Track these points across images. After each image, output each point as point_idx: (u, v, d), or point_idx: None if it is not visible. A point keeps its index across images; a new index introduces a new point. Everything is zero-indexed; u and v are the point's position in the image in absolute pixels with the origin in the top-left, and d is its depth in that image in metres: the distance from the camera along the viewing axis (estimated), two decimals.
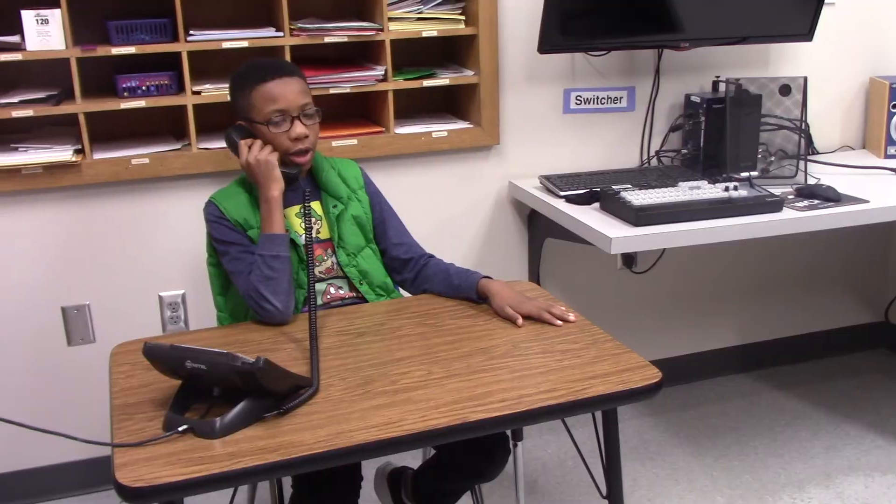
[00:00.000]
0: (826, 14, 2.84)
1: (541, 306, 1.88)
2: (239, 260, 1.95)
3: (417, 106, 2.79)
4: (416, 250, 2.14)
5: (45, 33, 2.23)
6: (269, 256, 1.89)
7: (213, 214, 1.99)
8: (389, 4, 2.50)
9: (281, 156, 1.97)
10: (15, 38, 2.24)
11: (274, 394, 1.49)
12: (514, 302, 1.90)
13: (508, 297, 1.91)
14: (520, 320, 1.86)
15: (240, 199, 2.00)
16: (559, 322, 1.85)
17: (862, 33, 3.08)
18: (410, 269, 2.12)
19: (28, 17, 2.21)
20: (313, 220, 2.05)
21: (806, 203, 2.47)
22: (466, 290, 2.00)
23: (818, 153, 3.06)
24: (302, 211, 1.92)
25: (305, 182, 2.07)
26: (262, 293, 1.87)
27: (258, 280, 1.87)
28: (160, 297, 2.59)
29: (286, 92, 1.96)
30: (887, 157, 3.01)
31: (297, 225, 2.02)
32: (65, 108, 2.31)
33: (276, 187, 1.93)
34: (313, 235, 2.03)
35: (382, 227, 2.14)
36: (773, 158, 2.73)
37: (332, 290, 2.06)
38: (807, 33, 2.83)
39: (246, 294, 1.91)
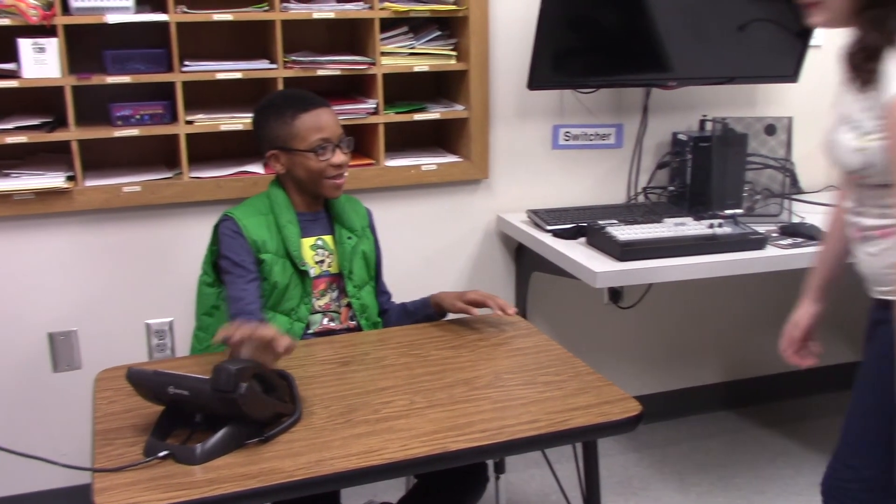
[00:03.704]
0: (812, 56, 2.89)
1: (485, 294, 2.01)
2: (242, 289, 1.96)
3: (408, 139, 2.82)
4: (386, 299, 2.23)
5: (41, 61, 2.26)
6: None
7: (231, 229, 1.99)
8: (382, 39, 2.54)
9: (314, 187, 2.03)
10: (11, 66, 2.27)
11: (256, 421, 1.50)
12: (460, 296, 2.03)
13: (455, 295, 2.05)
14: (474, 311, 2.00)
15: (260, 220, 2.02)
16: (500, 312, 1.98)
17: None
18: (384, 318, 2.19)
19: (25, 45, 2.24)
20: (326, 253, 2.08)
21: (789, 241, 2.50)
22: (423, 308, 2.11)
23: (803, 192, 3.09)
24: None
25: (321, 214, 2.10)
26: None
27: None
28: (147, 325, 2.59)
29: (330, 121, 2.02)
30: None
31: (310, 257, 2.05)
32: (58, 136, 2.33)
33: None
34: (324, 269, 2.07)
35: (377, 271, 2.19)
36: (758, 197, 2.76)
37: (324, 321, 2.08)
38: (793, 75, 2.88)
39: (232, 318, 1.93)
